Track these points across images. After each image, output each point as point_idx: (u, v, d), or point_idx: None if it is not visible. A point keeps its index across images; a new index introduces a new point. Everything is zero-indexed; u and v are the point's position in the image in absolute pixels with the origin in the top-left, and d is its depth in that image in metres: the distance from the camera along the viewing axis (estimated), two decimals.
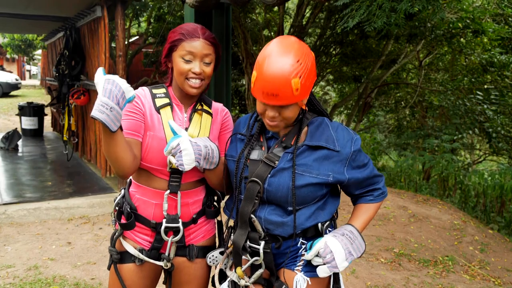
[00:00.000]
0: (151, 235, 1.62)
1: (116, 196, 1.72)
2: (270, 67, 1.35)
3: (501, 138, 8.16)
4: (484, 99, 8.01)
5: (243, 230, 1.50)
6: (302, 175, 1.44)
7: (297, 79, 1.34)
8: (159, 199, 1.60)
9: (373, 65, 9.56)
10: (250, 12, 9.40)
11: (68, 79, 6.36)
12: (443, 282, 3.60)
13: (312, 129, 1.51)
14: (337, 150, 1.46)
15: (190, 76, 1.55)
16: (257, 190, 1.46)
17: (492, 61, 7.92)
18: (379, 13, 3.97)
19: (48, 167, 6.57)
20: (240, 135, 1.61)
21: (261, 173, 1.47)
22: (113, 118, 1.34)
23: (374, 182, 1.59)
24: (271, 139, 1.55)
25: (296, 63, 1.35)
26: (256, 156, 1.51)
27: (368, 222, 1.58)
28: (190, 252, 1.66)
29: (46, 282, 3.19)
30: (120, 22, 5.12)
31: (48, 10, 6.44)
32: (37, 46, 19.05)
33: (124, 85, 1.38)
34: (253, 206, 1.47)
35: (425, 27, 7.26)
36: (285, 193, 1.44)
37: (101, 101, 1.33)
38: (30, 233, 4.14)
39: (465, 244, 4.53)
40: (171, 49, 1.58)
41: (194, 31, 1.56)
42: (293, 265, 1.53)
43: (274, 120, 1.44)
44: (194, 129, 1.62)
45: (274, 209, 1.49)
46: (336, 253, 1.41)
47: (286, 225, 1.47)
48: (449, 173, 6.91)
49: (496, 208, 6.27)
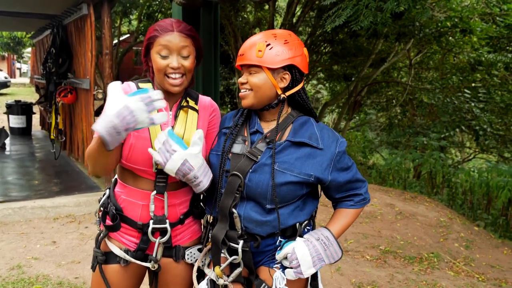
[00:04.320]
0: (137, 236, 1.59)
1: (101, 197, 1.67)
2: (252, 36, 1.52)
3: (489, 136, 8.24)
4: (471, 97, 8.08)
5: (223, 224, 1.48)
6: (283, 173, 1.42)
7: (262, 43, 1.44)
8: (145, 200, 1.56)
9: (363, 64, 9.60)
10: (241, 10, 9.38)
11: (55, 77, 6.30)
12: (427, 279, 3.63)
13: (296, 126, 1.50)
14: (320, 148, 1.45)
15: (169, 72, 1.50)
16: (238, 184, 1.44)
17: (480, 60, 7.99)
18: (365, 12, 3.98)
19: (36, 166, 6.52)
20: (224, 129, 1.60)
21: (243, 167, 1.45)
22: (116, 141, 1.32)
23: (356, 187, 1.56)
24: (255, 134, 1.53)
25: (270, 35, 1.47)
26: (239, 150, 1.50)
27: (347, 227, 1.56)
28: (177, 253, 1.62)
29: (29, 281, 3.16)
30: (106, 20, 5.08)
31: (34, 7, 6.38)
32: (27, 44, 18.89)
33: (140, 118, 1.30)
34: (234, 200, 1.45)
35: (414, 26, 7.30)
36: (264, 190, 1.43)
37: (112, 123, 1.28)
38: (14, 232, 4.10)
39: (451, 241, 4.57)
40: (148, 47, 1.54)
41: (167, 25, 1.52)
42: (271, 263, 1.52)
43: (244, 89, 1.48)
44: (179, 128, 1.56)
45: (253, 206, 1.47)
46: (302, 261, 1.40)
47: (266, 224, 1.46)
48: (437, 171, 6.97)
49: (482, 205, 6.34)
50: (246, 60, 1.46)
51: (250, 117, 1.59)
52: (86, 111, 5.63)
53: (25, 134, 9.13)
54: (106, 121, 1.28)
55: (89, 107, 5.47)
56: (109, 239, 1.60)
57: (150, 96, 1.32)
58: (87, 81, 5.37)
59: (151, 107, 1.32)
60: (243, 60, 1.47)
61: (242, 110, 1.61)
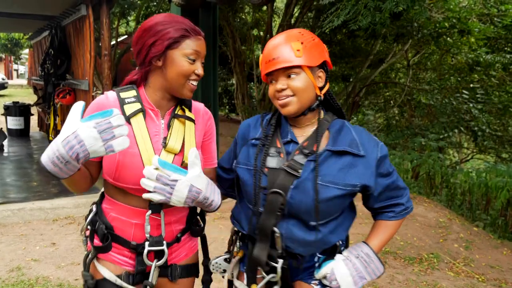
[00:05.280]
0: (130, 256, 1.43)
1: (87, 214, 1.49)
2: (273, 40, 1.38)
3: (487, 137, 8.26)
4: (469, 98, 8.11)
5: (263, 243, 1.36)
6: (327, 187, 1.30)
7: (297, 43, 1.32)
8: (138, 219, 1.39)
9: (362, 65, 9.61)
10: (239, 11, 9.38)
11: (53, 78, 6.30)
12: (427, 279, 3.63)
13: (333, 133, 1.37)
14: (361, 155, 1.33)
15: (193, 78, 1.37)
16: (280, 202, 1.31)
17: (478, 60, 8.01)
18: (364, 12, 3.99)
19: (34, 168, 6.49)
20: (254, 140, 1.43)
21: (283, 184, 1.31)
22: (66, 171, 1.16)
23: (397, 195, 1.45)
24: (288, 144, 1.39)
25: (297, 33, 1.36)
26: (275, 164, 1.35)
27: (388, 241, 1.47)
28: (173, 273, 1.48)
29: (29, 283, 3.15)
30: (105, 21, 5.08)
31: (33, 8, 6.37)
32: (24, 45, 18.85)
33: (93, 147, 1.13)
34: (276, 219, 1.33)
35: (412, 26, 7.32)
36: (308, 207, 1.31)
37: (57, 152, 1.12)
38: (13, 234, 4.09)
39: (450, 242, 4.58)
40: (169, 46, 1.34)
41: (195, 27, 1.39)
42: (309, 279, 1.44)
43: (283, 96, 1.33)
44: (175, 141, 1.39)
45: (295, 224, 1.35)
46: (341, 281, 1.34)
47: (309, 245, 1.36)
48: (435, 171, 6.98)
49: (481, 206, 6.35)
50: (284, 63, 1.31)
51: (280, 125, 1.44)
52: None
53: (23, 135, 9.11)
54: (52, 149, 1.13)
55: None
56: (98, 260, 1.44)
57: (110, 122, 1.14)
58: (86, 82, 5.36)
59: (108, 135, 1.14)
60: (278, 63, 1.32)
61: (268, 117, 1.48)
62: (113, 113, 1.15)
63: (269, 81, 1.38)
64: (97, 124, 1.13)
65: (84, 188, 1.37)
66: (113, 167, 1.33)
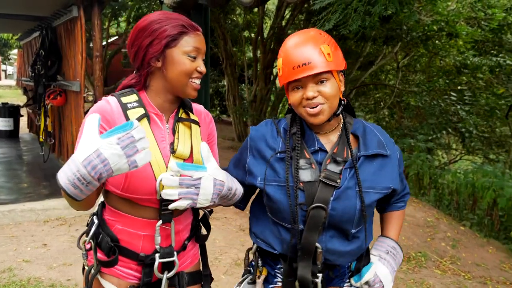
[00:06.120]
0: (136, 269, 1.34)
1: (88, 226, 1.38)
2: (295, 42, 1.27)
3: (475, 138, 8.40)
4: (457, 100, 8.25)
5: (306, 261, 1.27)
6: (367, 193, 1.28)
7: (326, 45, 1.24)
8: (148, 230, 1.31)
9: (352, 67, 9.72)
10: (230, 13, 9.43)
11: (44, 79, 6.25)
12: (415, 277, 3.70)
13: (361, 136, 1.33)
14: (387, 155, 1.32)
15: (195, 76, 1.29)
16: (323, 216, 1.25)
17: (466, 63, 8.16)
18: (354, 16, 4.06)
19: (24, 169, 6.47)
20: (280, 154, 1.32)
21: (323, 197, 1.25)
22: (86, 192, 1.09)
23: (405, 186, 1.49)
24: (316, 153, 1.31)
25: (319, 35, 1.27)
26: (310, 177, 1.27)
27: (401, 228, 1.51)
28: (180, 281, 1.39)
29: (21, 284, 3.15)
30: (97, 22, 5.08)
31: (23, 9, 6.33)
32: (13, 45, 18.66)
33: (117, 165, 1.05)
34: (318, 234, 1.26)
35: (401, 29, 7.43)
36: (351, 216, 1.26)
37: (78, 173, 1.04)
38: (4, 235, 4.07)
39: (438, 241, 4.67)
40: (167, 45, 1.26)
41: (192, 23, 1.30)
42: (341, 282, 1.42)
43: (315, 103, 1.24)
44: (184, 146, 1.31)
45: (334, 235, 1.30)
46: (385, 281, 1.36)
47: (349, 254, 1.32)
48: (424, 172, 7.08)
49: (468, 206, 6.46)
50: (316, 69, 1.22)
51: (303, 133, 1.34)
52: (75, 114, 5.61)
53: (13, 137, 9.04)
54: (71, 170, 1.04)
55: (79, 109, 5.45)
56: (102, 275, 1.34)
57: (132, 136, 1.06)
58: (77, 84, 5.36)
59: (131, 150, 1.06)
60: (310, 69, 1.22)
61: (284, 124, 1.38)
62: (134, 125, 1.07)
63: (292, 88, 1.28)
64: (119, 140, 1.04)
65: (91, 206, 1.28)
66: (120, 178, 1.23)
